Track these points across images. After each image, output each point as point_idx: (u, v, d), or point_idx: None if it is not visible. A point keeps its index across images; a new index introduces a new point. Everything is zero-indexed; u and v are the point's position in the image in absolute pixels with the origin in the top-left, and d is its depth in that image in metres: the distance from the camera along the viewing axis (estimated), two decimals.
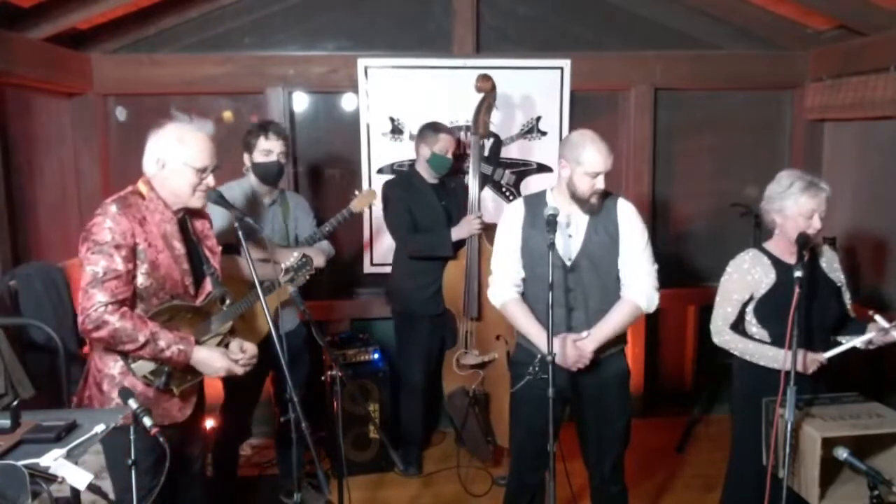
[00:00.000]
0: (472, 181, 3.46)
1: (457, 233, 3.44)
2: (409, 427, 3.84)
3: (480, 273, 3.41)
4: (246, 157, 3.15)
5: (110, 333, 2.10)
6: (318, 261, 3.06)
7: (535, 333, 2.57)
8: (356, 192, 3.33)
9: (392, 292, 3.83)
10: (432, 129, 3.59)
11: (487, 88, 3.53)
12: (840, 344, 2.55)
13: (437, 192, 3.62)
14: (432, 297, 3.61)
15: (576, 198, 2.53)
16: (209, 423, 3.17)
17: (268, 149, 3.09)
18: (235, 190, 3.10)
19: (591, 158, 2.47)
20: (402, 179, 3.74)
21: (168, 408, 2.31)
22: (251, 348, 2.44)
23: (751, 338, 2.62)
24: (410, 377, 3.78)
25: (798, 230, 2.47)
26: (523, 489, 2.79)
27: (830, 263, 2.65)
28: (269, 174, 3.12)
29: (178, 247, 2.28)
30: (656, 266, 2.62)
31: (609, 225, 2.57)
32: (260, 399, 3.45)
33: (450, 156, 3.55)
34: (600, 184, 2.49)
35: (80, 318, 2.13)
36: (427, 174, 3.63)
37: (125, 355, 2.21)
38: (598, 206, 2.56)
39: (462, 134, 4.00)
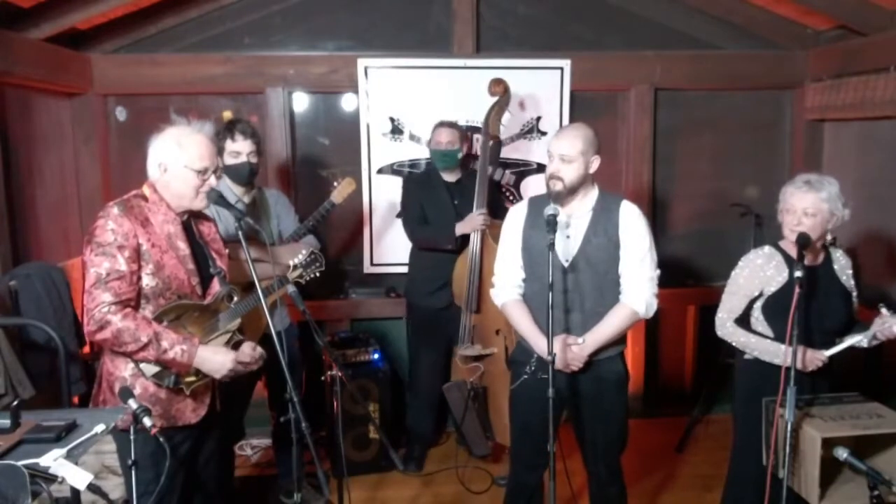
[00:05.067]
0: (479, 181, 3.47)
1: (461, 228, 3.47)
2: (416, 424, 3.85)
3: (482, 268, 3.43)
4: (218, 159, 3.09)
5: (114, 333, 2.09)
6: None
7: (531, 334, 2.57)
8: (335, 184, 3.33)
9: (407, 288, 3.87)
10: (435, 125, 3.64)
11: (501, 92, 3.57)
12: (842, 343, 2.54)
13: (450, 191, 3.64)
14: (439, 290, 3.64)
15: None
16: None
17: (236, 150, 3.02)
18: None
19: (553, 138, 2.51)
20: (420, 176, 3.89)
21: (182, 409, 2.30)
22: (261, 351, 2.40)
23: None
24: (420, 374, 3.79)
25: (786, 227, 2.53)
26: (521, 488, 2.79)
27: (843, 269, 2.66)
28: (239, 176, 3.07)
29: (183, 247, 2.28)
30: (658, 272, 2.59)
31: (609, 227, 2.54)
32: (252, 399, 3.44)
33: (444, 148, 3.55)
34: (556, 166, 2.47)
35: (84, 320, 2.13)
36: (444, 172, 3.65)
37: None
38: (558, 195, 2.49)
39: (471, 135, 4.01)
